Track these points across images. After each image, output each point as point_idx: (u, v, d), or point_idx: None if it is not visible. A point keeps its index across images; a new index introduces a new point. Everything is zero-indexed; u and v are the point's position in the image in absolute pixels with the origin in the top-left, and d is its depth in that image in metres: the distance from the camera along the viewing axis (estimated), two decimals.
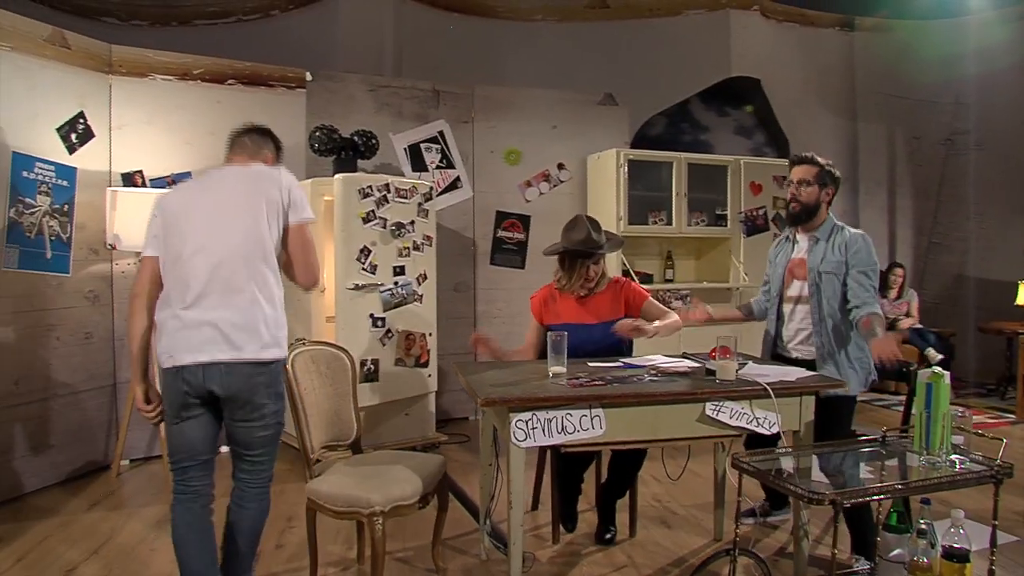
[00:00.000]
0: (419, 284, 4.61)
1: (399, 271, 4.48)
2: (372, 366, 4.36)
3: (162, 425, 2.42)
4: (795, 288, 3.20)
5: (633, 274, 5.31)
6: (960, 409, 2.40)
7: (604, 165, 5.46)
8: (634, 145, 6.80)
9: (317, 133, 4.69)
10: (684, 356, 3.22)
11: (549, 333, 2.84)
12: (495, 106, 5.70)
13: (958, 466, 2.26)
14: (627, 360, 3.11)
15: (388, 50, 6.30)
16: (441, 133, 5.54)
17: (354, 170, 4.64)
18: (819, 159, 3.17)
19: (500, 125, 5.70)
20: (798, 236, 3.25)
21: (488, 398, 2.43)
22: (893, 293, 6.90)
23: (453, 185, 5.58)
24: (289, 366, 2.67)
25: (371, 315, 4.36)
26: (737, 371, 2.72)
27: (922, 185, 7.93)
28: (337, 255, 4.25)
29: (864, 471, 2.38)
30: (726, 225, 5.72)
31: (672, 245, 5.74)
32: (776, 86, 7.35)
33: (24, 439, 3.88)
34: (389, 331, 4.44)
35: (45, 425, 3.98)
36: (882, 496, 2.07)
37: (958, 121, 7.79)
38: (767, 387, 2.58)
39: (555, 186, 5.77)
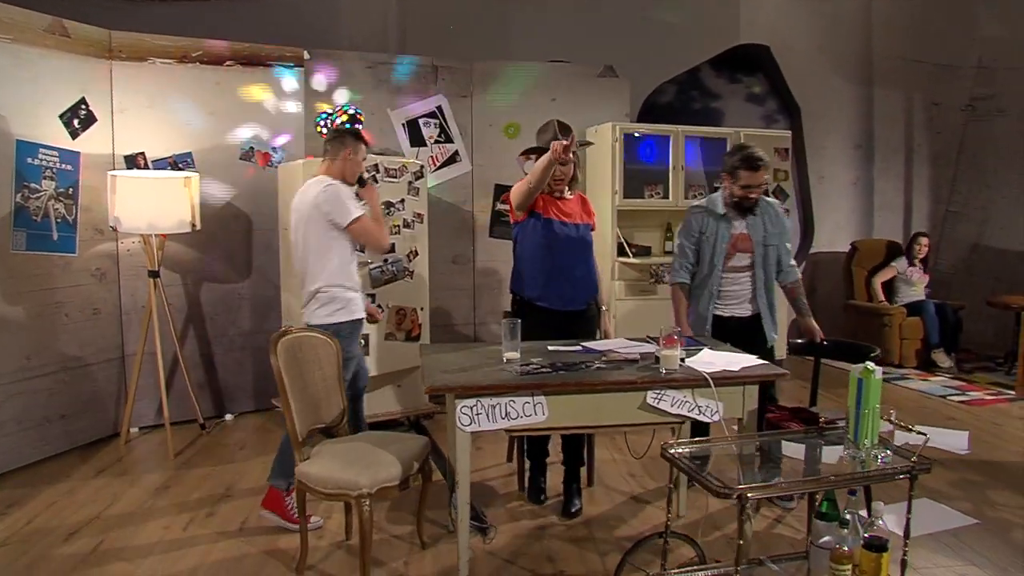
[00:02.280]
0: (410, 260, 4.74)
1: (389, 249, 4.60)
2: (363, 340, 4.52)
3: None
4: (739, 259, 3.56)
5: (628, 247, 5.37)
6: (893, 412, 2.46)
7: (601, 139, 5.48)
8: (643, 114, 6.80)
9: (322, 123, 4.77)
10: (648, 339, 3.31)
11: (504, 321, 2.95)
12: (494, 80, 5.73)
13: (879, 461, 2.33)
14: (587, 344, 3.21)
15: (391, 26, 6.35)
16: (439, 108, 5.61)
17: None
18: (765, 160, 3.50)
19: (499, 99, 5.74)
20: (730, 213, 3.56)
21: (433, 386, 2.57)
22: (919, 264, 6.82)
23: (452, 159, 5.67)
24: (274, 354, 2.79)
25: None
26: (683, 359, 2.80)
27: (940, 152, 7.74)
28: None
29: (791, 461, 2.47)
30: None
31: (672, 217, 5.76)
32: (788, 52, 7.21)
33: (38, 410, 4.15)
34: (380, 307, 4.59)
35: (57, 396, 4.25)
36: (789, 492, 2.15)
37: (980, 86, 7.54)
38: (708, 376, 2.66)
39: None
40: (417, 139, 5.55)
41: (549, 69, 5.87)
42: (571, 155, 3.31)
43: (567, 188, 3.54)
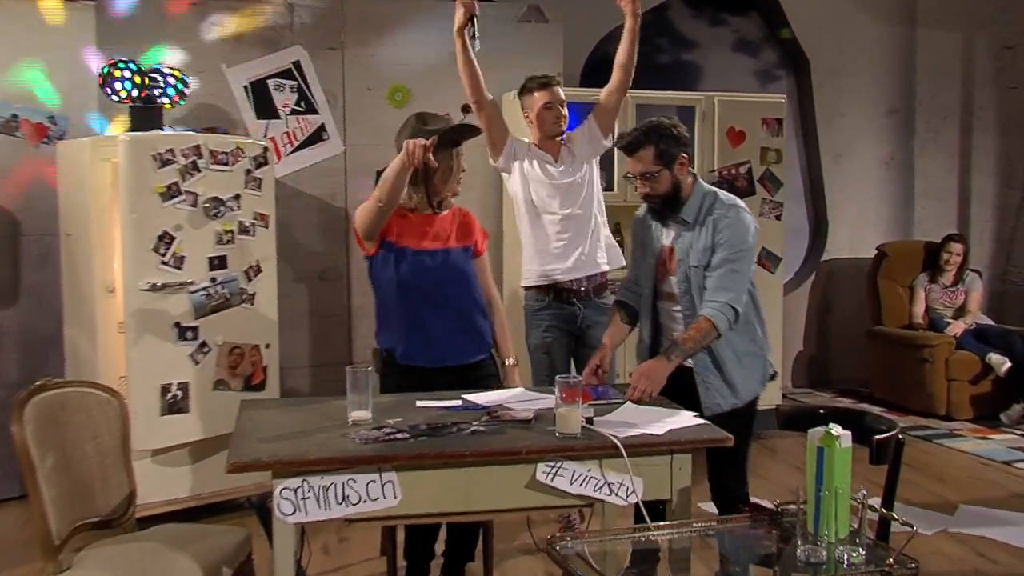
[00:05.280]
0: (249, 279, 4.84)
1: (218, 263, 4.69)
2: (179, 392, 4.61)
3: None
4: (669, 284, 3.58)
5: None
6: (863, 491, 2.60)
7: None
8: (587, 74, 6.98)
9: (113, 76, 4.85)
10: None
11: (348, 369, 3.07)
12: (374, 25, 5.89)
13: (845, 563, 2.47)
14: (472, 396, 3.37)
15: None
16: (297, 64, 5.74)
17: (155, 125, 4.84)
18: (652, 131, 3.44)
19: (382, 53, 5.89)
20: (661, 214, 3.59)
21: (238, 462, 2.69)
22: (949, 277, 7.14)
23: (316, 136, 5.81)
24: (18, 421, 2.82)
25: (177, 324, 4.59)
26: (589, 419, 2.97)
27: (1013, 116, 8.04)
28: (125, 244, 4.47)
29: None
30: None
31: (621, 217, 5.97)
32: None
33: None
34: (204, 344, 4.69)
35: None
36: None
37: None
38: (619, 442, 2.83)
39: None
40: (266, 108, 5.68)
41: (450, 10, 6.02)
42: (432, 159, 3.35)
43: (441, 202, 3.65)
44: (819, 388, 7.86)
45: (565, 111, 4.44)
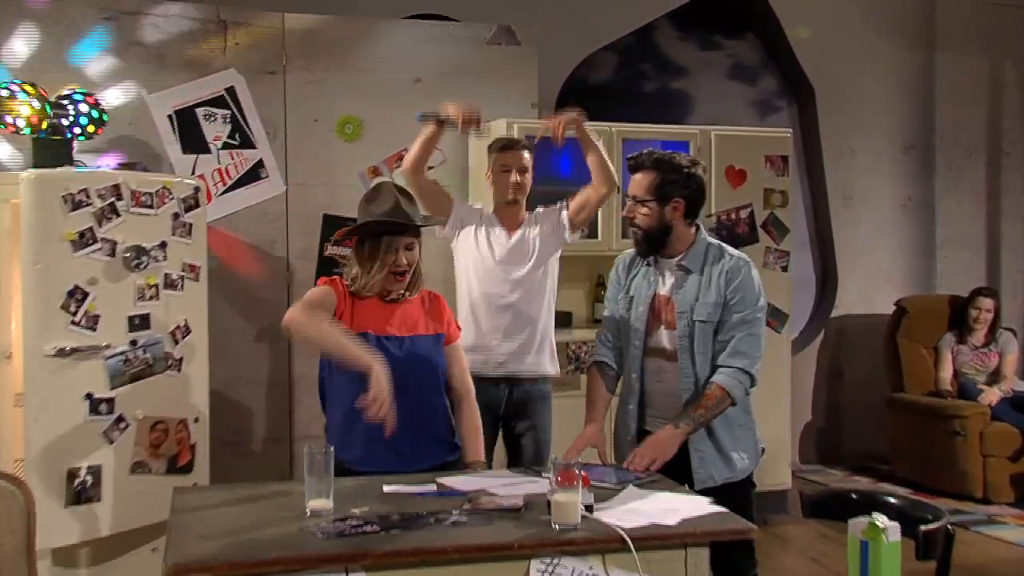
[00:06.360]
0: (176, 342, 4.76)
1: (139, 323, 4.60)
2: (89, 478, 4.48)
3: None
4: (663, 338, 3.64)
5: None
6: None
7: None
8: (562, 101, 6.97)
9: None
10: (542, 473, 3.43)
11: (306, 451, 3.01)
12: (321, 47, 5.87)
13: None
14: (447, 480, 3.31)
15: None
16: (231, 90, 5.71)
17: (64, 160, 4.77)
18: (661, 161, 3.57)
19: (329, 78, 5.87)
20: (662, 262, 3.68)
21: (178, 564, 2.59)
22: (979, 337, 7.18)
23: (253, 174, 5.76)
24: None
25: (88, 395, 4.47)
26: (590, 507, 2.92)
27: None
28: (27, 301, 4.35)
29: None
30: None
31: (604, 267, 5.96)
32: (798, 1, 7.62)
33: None
34: (121, 419, 4.57)
35: None
36: None
37: None
38: (625, 535, 2.78)
39: None
40: (194, 142, 5.63)
41: (410, 30, 6.05)
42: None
43: (405, 290, 3.65)
44: (831, 464, 7.86)
45: (526, 179, 4.56)
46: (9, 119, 4.65)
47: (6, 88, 4.69)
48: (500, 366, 4.48)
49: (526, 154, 4.56)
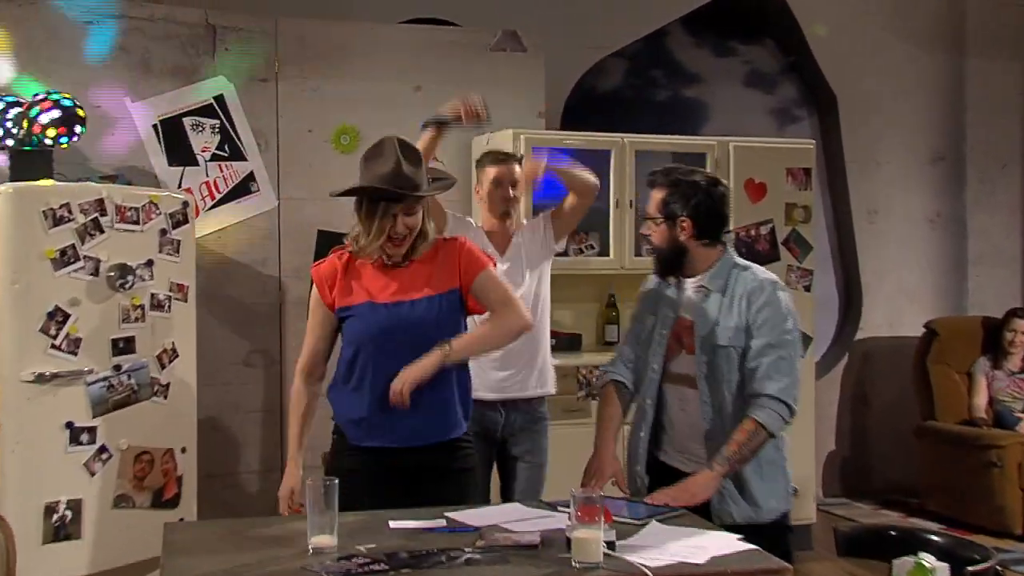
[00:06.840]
0: (163, 367, 4.75)
1: (123, 347, 4.60)
2: (69, 512, 4.47)
3: None
4: (684, 363, 3.62)
5: None
6: None
7: None
8: (571, 110, 7.06)
9: None
10: (558, 507, 3.41)
11: (308, 484, 2.99)
12: (316, 52, 5.88)
13: None
14: (455, 514, 3.30)
15: None
16: (220, 99, 5.71)
17: (45, 173, 4.77)
18: (676, 176, 3.62)
19: (324, 86, 5.87)
20: (685, 282, 3.68)
21: None
22: (1016, 362, 7.15)
23: (243, 188, 5.76)
24: None
25: (68, 424, 4.48)
26: (612, 544, 2.90)
27: None
28: (4, 322, 4.36)
29: None
30: None
31: (615, 286, 5.94)
32: (818, 4, 7.63)
33: None
34: (104, 449, 4.56)
35: None
36: None
37: None
38: (651, 575, 2.76)
39: None
40: (181, 153, 5.62)
41: (410, 35, 6.05)
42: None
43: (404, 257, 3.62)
44: (856, 498, 7.81)
45: (518, 193, 4.66)
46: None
47: None
48: (498, 389, 4.51)
49: (517, 167, 4.63)
